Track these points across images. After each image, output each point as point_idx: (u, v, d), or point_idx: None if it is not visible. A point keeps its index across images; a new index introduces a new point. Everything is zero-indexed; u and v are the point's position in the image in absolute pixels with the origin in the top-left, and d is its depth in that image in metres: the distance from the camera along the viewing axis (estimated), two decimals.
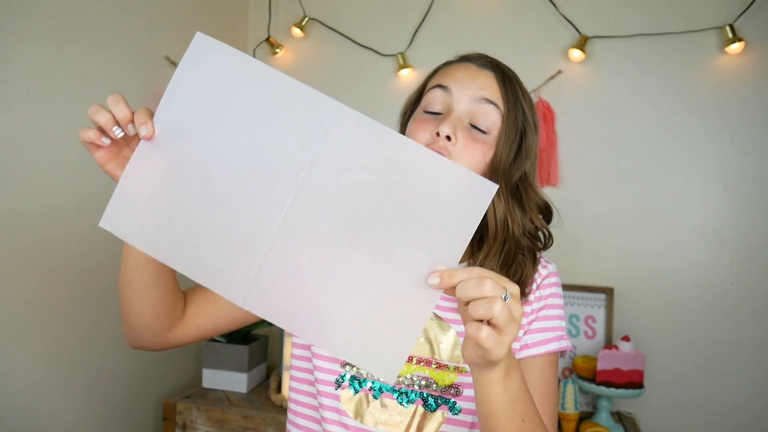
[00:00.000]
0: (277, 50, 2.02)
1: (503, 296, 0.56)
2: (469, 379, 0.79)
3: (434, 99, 0.82)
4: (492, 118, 0.80)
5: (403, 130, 0.90)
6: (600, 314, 1.73)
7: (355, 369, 0.83)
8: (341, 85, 1.97)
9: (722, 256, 1.71)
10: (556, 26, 1.82)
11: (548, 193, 1.80)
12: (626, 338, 1.55)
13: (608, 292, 1.74)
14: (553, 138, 1.76)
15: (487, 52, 0.87)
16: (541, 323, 0.84)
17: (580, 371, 1.59)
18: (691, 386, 1.72)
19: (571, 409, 1.49)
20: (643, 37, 1.73)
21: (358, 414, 0.82)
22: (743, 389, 1.69)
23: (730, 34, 1.62)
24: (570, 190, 1.82)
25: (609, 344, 1.65)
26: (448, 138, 0.77)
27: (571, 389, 1.50)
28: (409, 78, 1.90)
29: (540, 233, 0.86)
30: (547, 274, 0.87)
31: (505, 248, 0.80)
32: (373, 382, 0.82)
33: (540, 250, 0.86)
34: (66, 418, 1.34)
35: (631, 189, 1.77)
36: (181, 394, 1.60)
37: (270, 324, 1.50)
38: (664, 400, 1.73)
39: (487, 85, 0.81)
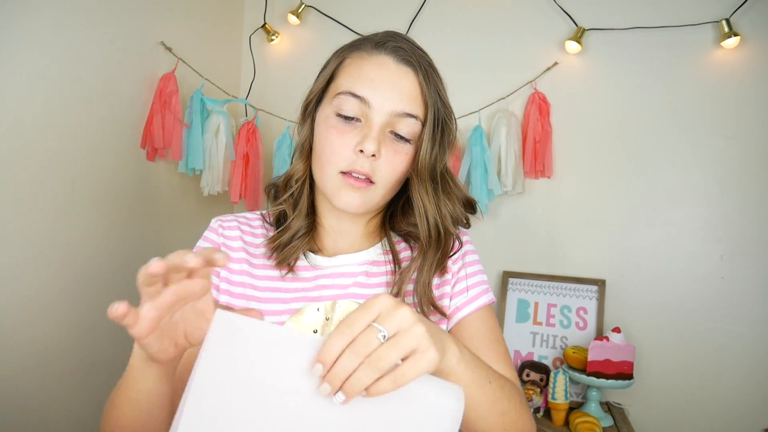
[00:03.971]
0: (273, 37, 2.01)
1: (380, 335, 0.50)
2: None
3: (348, 106, 0.77)
4: (413, 128, 0.79)
5: (308, 123, 0.85)
6: (591, 306, 1.75)
7: None
8: None
9: (714, 250, 1.72)
10: (553, 18, 1.82)
11: (542, 184, 1.82)
12: (617, 330, 1.56)
13: (600, 284, 1.75)
14: (548, 129, 1.76)
15: (483, 43, 0.85)
16: (465, 282, 0.87)
17: (570, 362, 1.61)
18: (680, 378, 1.74)
19: (561, 399, 1.50)
20: (639, 30, 1.74)
21: None
22: (733, 382, 1.71)
23: (726, 29, 1.62)
24: (564, 182, 1.83)
25: (600, 335, 1.66)
26: (372, 155, 0.76)
27: (561, 379, 1.51)
28: None
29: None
30: (466, 246, 0.91)
31: (438, 256, 0.82)
32: None
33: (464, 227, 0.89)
34: (60, 405, 1.34)
35: (625, 181, 1.78)
36: None
37: None
38: (653, 391, 1.75)
39: (408, 92, 0.78)
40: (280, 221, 0.87)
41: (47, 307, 1.30)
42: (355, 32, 1.93)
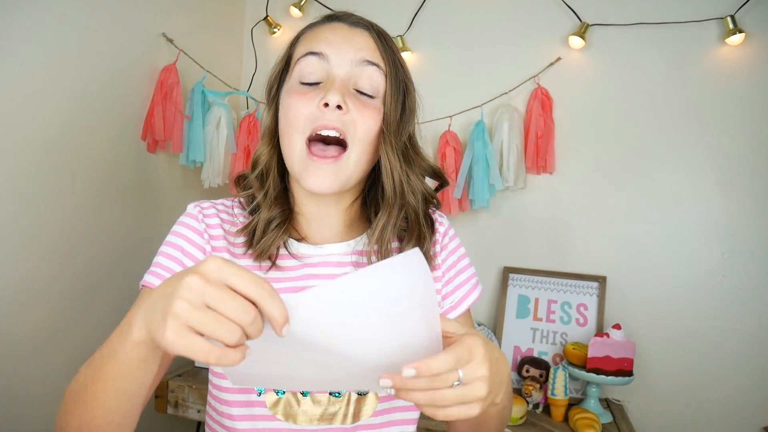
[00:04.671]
0: (275, 30, 2.00)
1: (455, 382, 0.53)
2: None
3: (309, 68, 0.75)
4: (376, 80, 0.76)
5: (273, 107, 0.82)
6: (592, 302, 1.74)
7: None
8: None
9: (715, 248, 1.72)
10: (557, 13, 1.81)
11: (544, 180, 1.82)
12: (617, 326, 1.55)
13: (601, 280, 1.75)
14: (550, 125, 1.75)
15: (487, 38, 0.84)
16: (458, 278, 0.87)
17: (570, 358, 1.61)
18: (680, 375, 1.74)
19: (560, 395, 1.50)
20: (643, 26, 1.73)
21: (290, 416, 0.76)
22: (732, 380, 1.71)
23: (731, 25, 1.62)
24: (566, 178, 1.82)
25: (600, 332, 1.66)
26: (339, 107, 0.72)
27: (561, 376, 1.51)
28: (409, 61, 1.89)
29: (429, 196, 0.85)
30: (445, 229, 0.89)
31: (402, 213, 0.79)
32: None
33: (434, 207, 0.87)
34: (58, 396, 1.34)
35: (627, 178, 1.77)
36: (173, 373, 1.60)
37: None
38: (652, 388, 1.75)
39: (365, 44, 0.76)
40: (255, 211, 0.82)
41: (46, 298, 1.30)
42: None
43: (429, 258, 0.83)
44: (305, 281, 0.79)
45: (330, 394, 0.77)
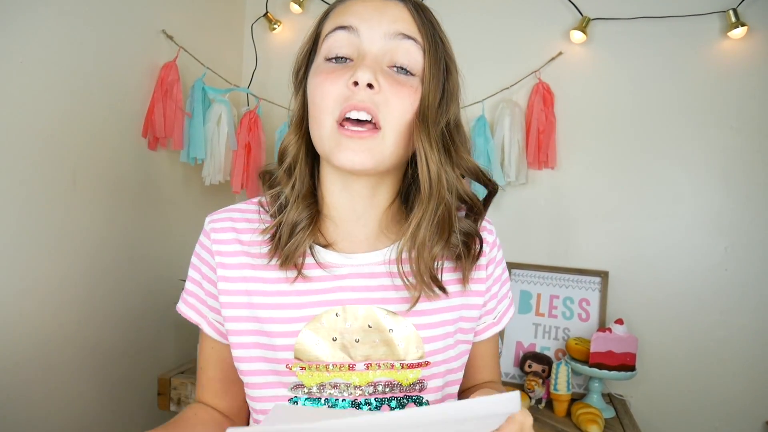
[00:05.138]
0: (275, 26, 2.00)
1: None
2: (432, 371, 0.74)
3: (337, 43, 0.68)
4: (413, 56, 0.67)
5: (301, 92, 0.74)
6: (594, 297, 1.74)
7: (305, 389, 0.72)
8: None
9: (718, 242, 1.71)
10: (558, 7, 1.80)
11: (546, 175, 1.81)
12: (620, 321, 1.55)
13: (603, 275, 1.74)
14: (552, 120, 1.75)
15: (487, 32, 0.79)
16: (501, 291, 0.85)
17: (573, 353, 1.60)
18: (682, 370, 1.74)
19: (563, 390, 1.50)
20: (645, 19, 1.72)
21: None
22: (735, 374, 1.71)
23: (733, 19, 1.61)
24: (568, 173, 1.82)
25: (603, 327, 1.66)
26: (370, 86, 0.64)
27: (564, 371, 1.50)
28: None
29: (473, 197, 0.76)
30: (494, 239, 0.83)
31: (439, 212, 0.69)
32: (329, 401, 0.72)
33: (479, 214, 0.78)
34: (61, 394, 1.34)
35: (629, 173, 1.77)
36: (176, 370, 1.60)
37: None
38: (655, 383, 1.75)
39: (400, 16, 0.68)
40: (282, 211, 0.75)
41: (48, 297, 1.30)
42: None
43: (466, 278, 0.76)
44: (336, 294, 0.73)
45: None
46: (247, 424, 0.82)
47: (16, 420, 1.23)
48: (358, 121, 0.66)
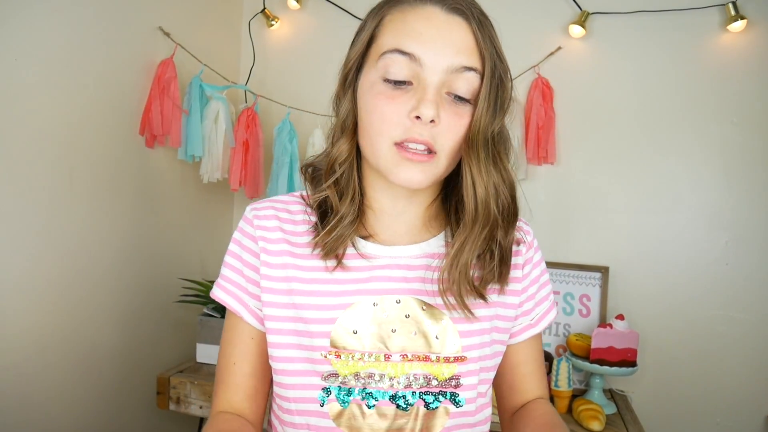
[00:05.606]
0: (273, 22, 1.99)
1: None
2: (468, 367, 0.74)
3: (396, 67, 0.66)
4: (472, 84, 0.67)
5: (349, 95, 0.73)
6: (595, 293, 1.73)
7: (339, 378, 0.72)
8: (338, 58, 1.93)
9: (718, 237, 1.71)
10: (557, 1, 1.79)
11: (545, 170, 1.80)
12: (620, 317, 1.55)
13: (603, 271, 1.74)
14: (551, 115, 1.74)
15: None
16: (540, 293, 0.83)
17: (573, 349, 1.60)
18: (683, 365, 1.73)
19: (564, 386, 1.49)
20: (644, 13, 1.71)
21: (354, 428, 0.72)
22: (736, 369, 1.70)
23: (732, 12, 1.60)
24: (567, 168, 1.81)
25: (603, 323, 1.65)
26: (431, 120, 0.65)
27: (564, 367, 1.50)
28: None
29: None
30: (530, 240, 0.83)
31: (484, 234, 0.71)
32: (364, 390, 0.72)
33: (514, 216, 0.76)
34: (59, 393, 1.34)
35: (629, 167, 1.76)
36: (174, 369, 1.60)
37: None
38: (656, 378, 1.74)
39: (463, 44, 0.66)
40: (322, 207, 0.77)
41: (45, 295, 1.29)
42: (357, 17, 1.90)
43: (505, 280, 0.76)
44: (373, 283, 0.74)
45: (397, 407, 0.72)
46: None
47: (14, 418, 1.22)
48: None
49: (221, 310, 1.66)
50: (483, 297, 0.74)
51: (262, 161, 1.84)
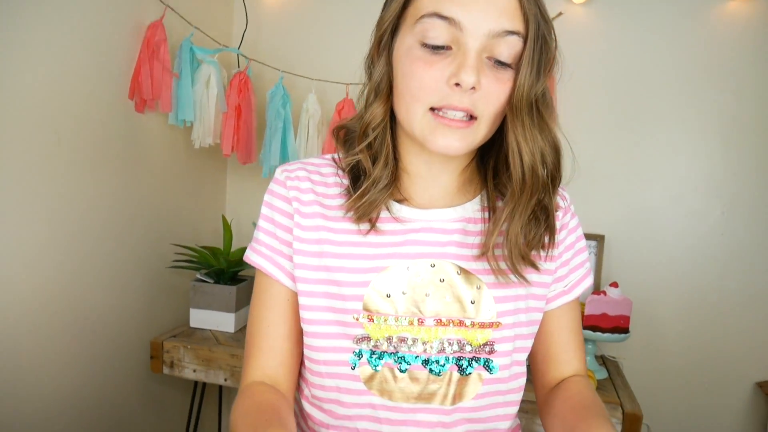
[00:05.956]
0: None
1: None
2: (503, 334, 0.73)
3: (435, 32, 0.63)
4: (514, 48, 0.64)
5: (383, 58, 0.71)
6: (590, 260, 1.73)
7: (372, 342, 0.71)
8: (333, 32, 1.89)
9: (714, 206, 1.70)
10: None
11: None
12: (615, 284, 1.54)
13: (599, 239, 1.73)
14: (550, 81, 1.71)
15: None
16: (575, 260, 0.80)
17: None
18: (675, 333, 1.74)
19: None
20: None
21: (385, 392, 0.71)
22: (727, 337, 1.71)
23: None
24: (565, 135, 1.78)
25: (597, 290, 1.65)
26: (472, 88, 0.63)
27: None
28: None
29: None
30: (567, 204, 0.81)
31: (533, 202, 0.69)
32: (396, 354, 0.71)
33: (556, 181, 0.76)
34: (51, 358, 1.34)
35: (627, 135, 1.74)
36: (168, 334, 1.60)
37: None
38: (648, 345, 1.76)
39: (505, 6, 0.63)
40: (354, 170, 0.75)
41: (35, 261, 1.28)
42: None
43: (549, 240, 0.74)
44: (408, 247, 0.72)
45: (430, 372, 0.71)
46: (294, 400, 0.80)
47: (5, 384, 1.22)
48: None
49: (214, 275, 1.66)
50: (535, 267, 0.73)
51: (255, 126, 1.81)
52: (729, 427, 1.76)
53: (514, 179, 0.68)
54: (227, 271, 1.64)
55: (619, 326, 1.52)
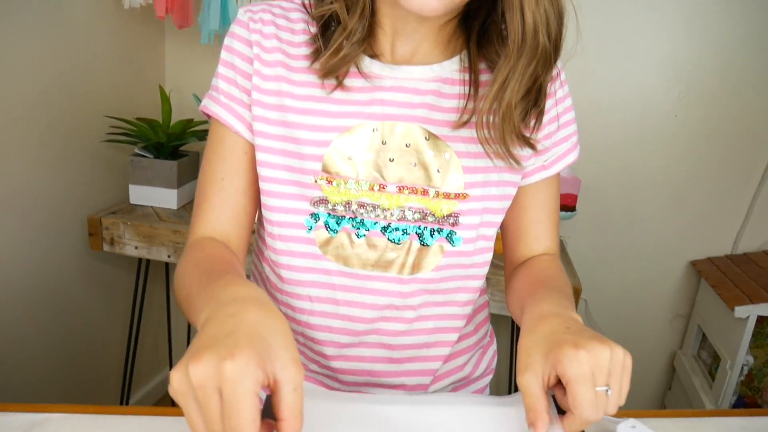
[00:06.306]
0: None
1: (608, 393, 0.50)
2: (469, 206, 0.68)
3: None
4: None
5: None
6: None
7: (330, 205, 0.67)
8: None
9: (672, 87, 1.68)
10: None
11: None
12: None
13: None
14: None
15: None
16: (559, 133, 0.73)
17: None
18: (618, 211, 1.79)
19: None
20: None
21: (341, 257, 0.68)
22: (666, 217, 1.77)
23: None
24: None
25: None
26: None
27: None
28: None
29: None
30: (557, 72, 0.71)
31: (530, 70, 0.60)
32: (354, 219, 0.68)
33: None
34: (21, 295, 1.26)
35: (585, 8, 1.66)
36: (106, 210, 1.53)
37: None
38: (591, 225, 1.80)
39: None
40: (324, 21, 0.67)
41: None
42: None
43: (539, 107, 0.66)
44: (375, 107, 0.66)
45: (389, 239, 0.68)
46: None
47: None
48: None
49: (153, 150, 1.57)
50: (532, 146, 0.67)
51: None
52: (661, 301, 1.87)
53: (511, 40, 0.59)
54: (167, 146, 1.55)
55: (567, 204, 1.54)
